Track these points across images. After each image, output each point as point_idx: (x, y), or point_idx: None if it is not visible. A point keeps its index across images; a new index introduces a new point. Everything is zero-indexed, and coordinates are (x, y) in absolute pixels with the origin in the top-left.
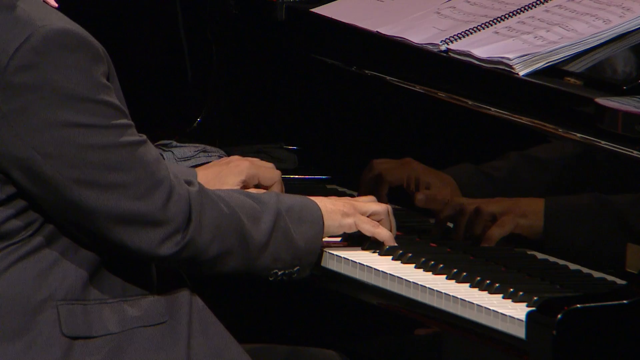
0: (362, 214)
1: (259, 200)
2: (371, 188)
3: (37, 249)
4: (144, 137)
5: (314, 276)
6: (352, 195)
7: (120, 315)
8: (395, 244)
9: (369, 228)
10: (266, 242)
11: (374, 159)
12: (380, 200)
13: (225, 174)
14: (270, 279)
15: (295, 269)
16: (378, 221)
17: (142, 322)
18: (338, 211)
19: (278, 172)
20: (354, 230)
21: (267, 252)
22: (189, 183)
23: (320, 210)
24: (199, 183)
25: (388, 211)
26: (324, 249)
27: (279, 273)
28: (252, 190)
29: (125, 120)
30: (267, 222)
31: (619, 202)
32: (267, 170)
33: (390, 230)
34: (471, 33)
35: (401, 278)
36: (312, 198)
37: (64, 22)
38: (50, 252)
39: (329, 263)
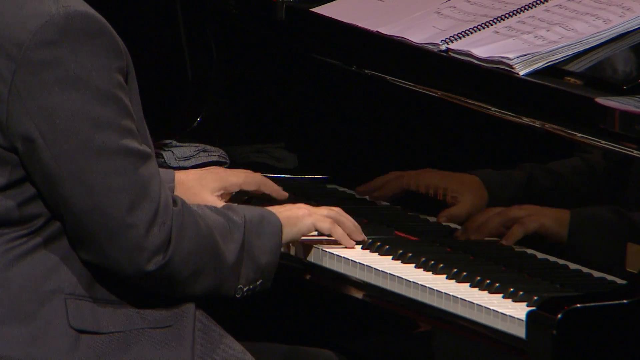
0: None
1: (228, 218)
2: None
3: (48, 242)
4: (149, 151)
5: (314, 275)
6: (352, 195)
7: (127, 316)
8: (353, 242)
9: (327, 226)
10: (235, 261)
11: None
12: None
13: (207, 179)
14: (237, 295)
15: (258, 282)
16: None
17: (148, 324)
18: (294, 216)
19: (259, 175)
20: (312, 231)
21: (235, 271)
22: (173, 201)
23: (279, 220)
24: (180, 199)
25: (340, 212)
26: (324, 249)
27: (244, 289)
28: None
29: (132, 124)
30: (236, 241)
31: (619, 202)
32: (249, 176)
33: (353, 227)
34: (471, 33)
35: (401, 278)
36: (268, 208)
37: (88, 8)
38: (60, 246)
39: (328, 262)
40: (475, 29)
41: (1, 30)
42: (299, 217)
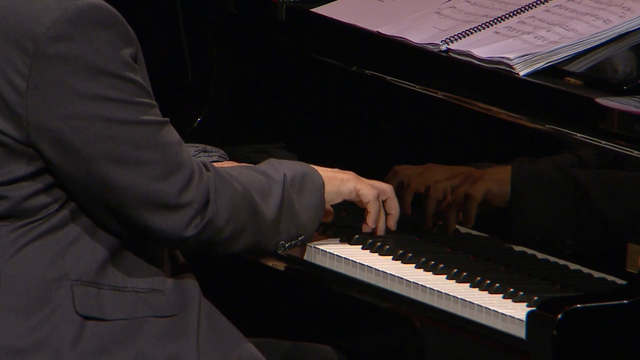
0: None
1: (266, 175)
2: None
3: (55, 229)
4: (167, 119)
5: (315, 275)
6: None
7: (132, 304)
8: (374, 226)
9: (369, 196)
10: (275, 217)
11: (397, 166)
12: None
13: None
14: (279, 251)
15: (300, 238)
16: (385, 200)
17: (153, 312)
18: (338, 178)
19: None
20: (353, 196)
21: (275, 226)
22: (204, 167)
23: (321, 178)
24: (211, 164)
25: (391, 190)
26: (325, 249)
27: (286, 244)
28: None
29: (150, 100)
30: (275, 197)
31: (619, 202)
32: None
33: (396, 211)
34: (471, 33)
35: (402, 278)
36: (313, 166)
37: (99, 0)
38: (67, 233)
39: (329, 263)
40: (475, 29)
41: (15, 23)
42: (343, 180)
